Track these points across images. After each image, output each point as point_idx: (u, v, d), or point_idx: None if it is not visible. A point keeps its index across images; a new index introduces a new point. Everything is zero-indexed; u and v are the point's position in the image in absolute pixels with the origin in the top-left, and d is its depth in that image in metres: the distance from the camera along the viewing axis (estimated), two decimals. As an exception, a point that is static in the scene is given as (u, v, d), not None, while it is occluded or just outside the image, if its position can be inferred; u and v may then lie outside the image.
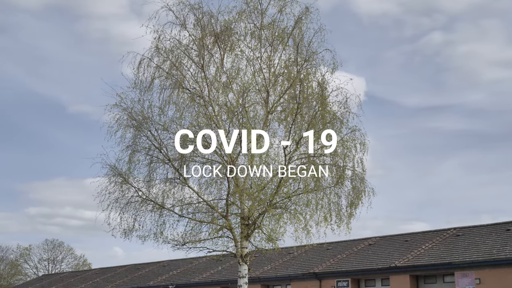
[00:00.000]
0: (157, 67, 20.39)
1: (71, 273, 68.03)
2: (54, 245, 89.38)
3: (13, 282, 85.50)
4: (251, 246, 19.84)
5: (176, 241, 20.11)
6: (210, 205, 19.79)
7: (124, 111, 20.12)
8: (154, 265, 52.77)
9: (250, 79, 20.32)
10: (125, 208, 20.25)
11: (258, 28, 20.56)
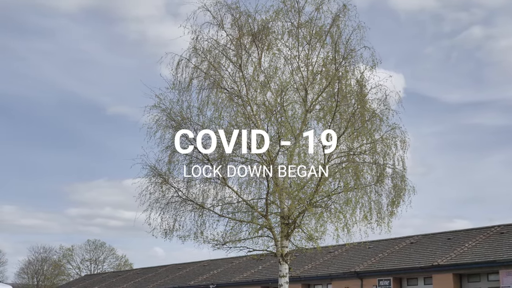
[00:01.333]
0: (195, 68, 20.43)
1: (113, 273, 68.76)
2: (95, 246, 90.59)
3: (57, 282, 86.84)
4: (291, 245, 19.76)
5: (216, 240, 20.14)
6: (250, 204, 19.78)
7: (163, 112, 20.23)
8: (194, 265, 53.01)
9: (288, 77, 20.26)
10: (165, 208, 20.35)
11: (296, 26, 20.47)
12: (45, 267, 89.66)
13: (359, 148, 19.88)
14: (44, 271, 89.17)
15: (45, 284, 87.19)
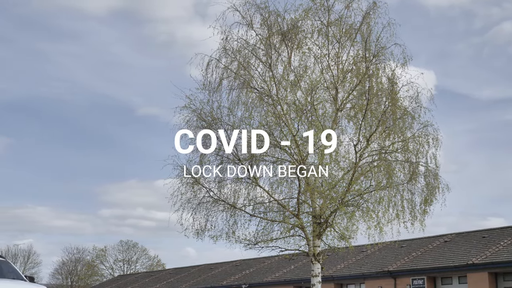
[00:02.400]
0: (225, 68, 20.44)
1: (146, 274, 69.20)
2: (128, 246, 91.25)
3: (90, 282, 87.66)
4: (323, 244, 19.67)
5: (248, 240, 20.12)
6: (281, 204, 19.73)
7: (193, 113, 20.25)
8: (226, 264, 53.10)
9: (318, 76, 20.18)
10: (197, 208, 20.38)
11: (325, 25, 20.39)
12: (79, 267, 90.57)
13: (390, 147, 19.72)
14: (78, 271, 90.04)
15: (79, 284, 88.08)
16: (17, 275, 16.40)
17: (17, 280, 15.86)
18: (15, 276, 16.27)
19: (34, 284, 16.00)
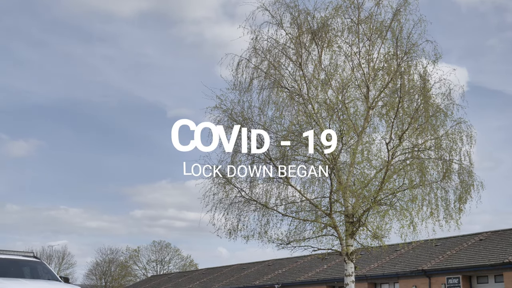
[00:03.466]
0: (255, 68, 20.44)
1: (179, 274, 69.53)
2: (161, 247, 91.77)
3: (124, 283, 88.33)
4: (356, 243, 19.55)
5: (281, 240, 20.09)
6: (313, 203, 19.65)
7: (224, 113, 20.28)
8: (259, 264, 53.11)
9: (349, 74, 20.08)
10: (229, 208, 20.39)
11: (355, 23, 20.27)
12: (112, 268, 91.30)
13: (423, 144, 19.52)
14: (112, 272, 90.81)
15: (112, 285, 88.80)
16: (52, 276, 16.57)
17: (52, 281, 16.02)
18: (50, 277, 16.44)
19: (69, 285, 16.14)
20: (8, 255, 16.96)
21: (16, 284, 14.93)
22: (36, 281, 15.73)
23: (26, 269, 16.60)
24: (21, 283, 15.23)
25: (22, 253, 17.63)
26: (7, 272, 15.99)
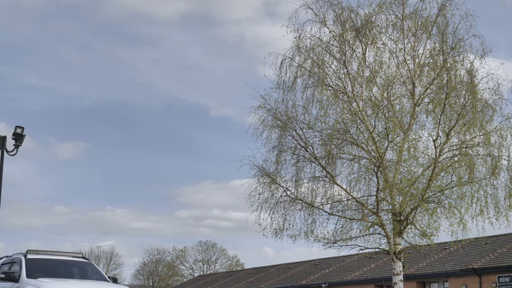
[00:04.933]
0: (299, 66, 20.36)
1: (225, 273, 69.78)
2: (207, 247, 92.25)
3: (171, 283, 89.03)
4: (404, 242, 19.32)
5: (327, 239, 19.98)
6: (360, 202, 19.48)
7: (268, 112, 20.28)
8: (305, 264, 52.94)
9: (394, 71, 19.86)
10: (274, 208, 20.37)
11: (400, 19, 20.03)
12: (160, 268, 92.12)
13: (471, 141, 19.17)
14: (159, 272, 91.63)
15: (160, 285, 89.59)
16: (101, 276, 16.77)
17: (101, 281, 16.20)
18: (99, 277, 16.64)
19: (117, 285, 16.31)
20: (58, 256, 17.23)
21: (66, 285, 15.15)
22: (85, 282, 15.94)
23: (75, 270, 16.83)
24: (70, 283, 15.45)
25: (71, 254, 17.89)
26: (57, 272, 16.24)
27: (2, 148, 29.33)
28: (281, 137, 20.27)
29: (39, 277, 15.35)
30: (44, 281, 14.88)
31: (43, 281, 14.88)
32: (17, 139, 29.32)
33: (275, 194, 20.40)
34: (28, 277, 15.38)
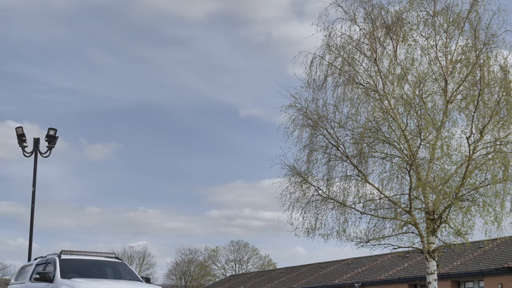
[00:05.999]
0: (329, 65, 20.28)
1: (257, 273, 69.81)
2: (239, 246, 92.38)
3: (203, 282, 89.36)
4: (438, 241, 19.11)
5: (360, 238, 19.85)
6: (392, 200, 19.32)
7: (299, 111, 20.22)
8: (337, 263, 52.72)
9: (426, 68, 19.67)
10: (306, 207, 20.32)
11: (431, 15, 19.83)
12: (192, 268, 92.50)
13: (506, 138, 18.90)
14: (191, 272, 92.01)
15: (192, 284, 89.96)
16: (134, 276, 16.87)
17: (134, 281, 16.30)
18: (132, 277, 16.74)
19: (150, 285, 16.39)
20: (91, 257, 17.38)
21: (99, 285, 15.27)
22: (118, 282, 16.04)
23: (108, 270, 16.95)
24: (104, 283, 15.58)
25: (105, 254, 18.03)
26: (91, 273, 16.37)
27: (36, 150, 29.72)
28: (312, 136, 20.21)
29: (73, 277, 15.49)
30: (78, 281, 15.02)
31: (77, 281, 15.02)
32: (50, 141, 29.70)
33: (306, 193, 20.34)
34: (63, 277, 15.54)
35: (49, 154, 29.82)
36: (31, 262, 19.51)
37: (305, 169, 20.28)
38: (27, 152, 29.64)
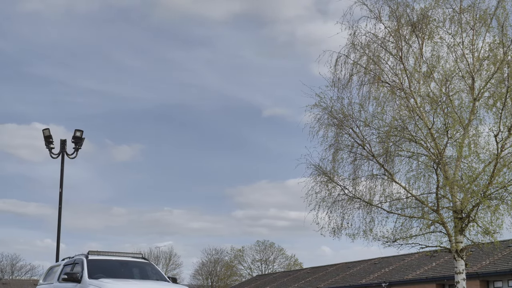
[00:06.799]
0: (354, 63, 20.19)
1: (284, 273, 69.73)
2: (265, 246, 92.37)
3: (230, 282, 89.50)
4: (466, 240, 18.91)
5: (386, 238, 19.73)
6: (419, 199, 19.16)
7: (324, 110, 20.16)
8: (364, 263, 52.48)
9: (453, 66, 19.48)
10: (332, 207, 20.24)
11: (457, 12, 19.63)
12: (218, 268, 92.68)
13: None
14: (217, 272, 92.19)
15: (218, 284, 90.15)
16: (161, 277, 16.92)
17: (161, 281, 16.34)
18: (159, 278, 16.79)
19: (177, 285, 16.42)
20: (118, 257, 17.47)
21: (127, 285, 15.35)
22: (145, 282, 16.11)
23: (135, 270, 17.02)
24: (131, 283, 15.65)
25: (132, 254, 18.11)
26: (118, 273, 16.46)
27: (63, 151, 29.97)
28: (337, 135, 20.14)
29: (100, 277, 15.59)
30: (106, 282, 15.11)
31: (104, 282, 15.11)
32: (77, 142, 29.93)
33: (332, 192, 20.29)
34: (90, 277, 15.63)
35: (76, 155, 30.06)
36: (59, 262, 19.66)
37: (331, 168, 20.23)
38: (54, 153, 29.91)
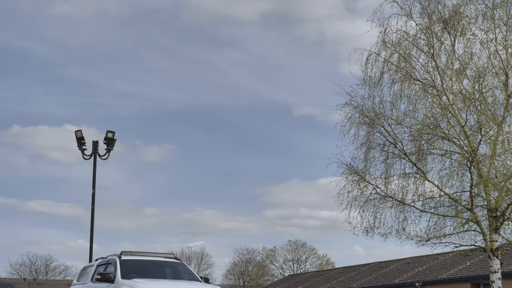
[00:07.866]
0: (385, 61, 20.06)
1: (316, 273, 69.58)
2: (297, 246, 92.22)
3: (262, 282, 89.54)
4: (501, 239, 18.65)
5: (420, 237, 19.56)
6: (453, 198, 18.95)
7: (355, 109, 20.08)
8: (397, 262, 52.11)
9: (486, 62, 19.21)
10: (364, 206, 20.14)
11: (490, 8, 19.35)
12: (250, 268, 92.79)
13: None
14: (249, 272, 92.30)
15: (251, 284, 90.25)
16: (193, 277, 16.98)
17: (193, 281, 16.41)
18: (191, 277, 16.85)
19: (209, 285, 16.47)
20: (151, 257, 17.58)
21: (159, 285, 15.44)
22: (178, 282, 16.18)
23: (168, 270, 17.11)
24: (163, 283, 15.74)
25: (164, 254, 18.20)
26: (150, 273, 16.56)
27: (95, 152, 30.27)
28: (369, 134, 20.03)
29: (133, 277, 15.70)
30: (138, 282, 15.21)
31: (137, 282, 15.22)
32: (109, 144, 30.21)
33: (364, 192, 20.17)
34: (123, 277, 15.76)
35: (108, 156, 30.33)
36: (92, 263, 19.86)
37: (363, 167, 20.12)
38: (86, 155, 30.22)
